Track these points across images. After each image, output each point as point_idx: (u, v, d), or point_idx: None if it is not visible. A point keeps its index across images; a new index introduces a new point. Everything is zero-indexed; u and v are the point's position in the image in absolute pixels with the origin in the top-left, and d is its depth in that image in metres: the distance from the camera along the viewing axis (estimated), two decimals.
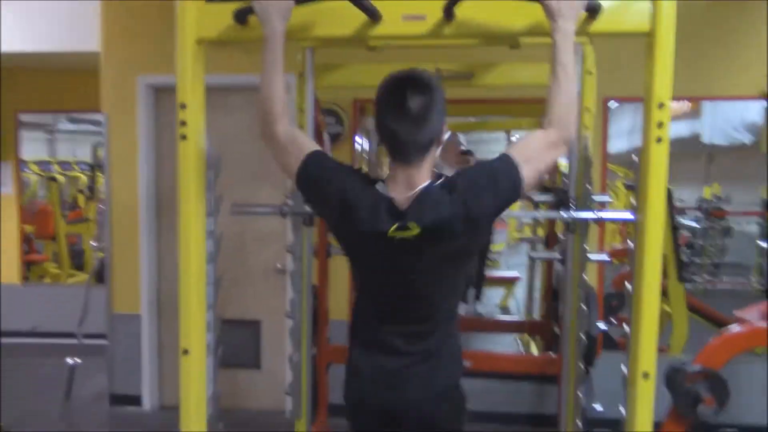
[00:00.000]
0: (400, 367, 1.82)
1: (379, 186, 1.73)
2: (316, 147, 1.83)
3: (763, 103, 3.76)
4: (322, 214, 1.84)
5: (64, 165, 8.26)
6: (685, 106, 6.39)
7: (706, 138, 6.73)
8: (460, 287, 1.89)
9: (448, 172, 1.83)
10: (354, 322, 1.93)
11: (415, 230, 1.66)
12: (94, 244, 4.66)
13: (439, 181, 1.73)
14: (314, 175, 1.78)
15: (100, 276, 4.46)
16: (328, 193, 1.76)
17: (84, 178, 7.72)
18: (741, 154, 7.00)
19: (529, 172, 1.73)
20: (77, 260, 6.99)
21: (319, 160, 1.80)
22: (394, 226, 1.67)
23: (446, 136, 1.79)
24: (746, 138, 6.22)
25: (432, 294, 1.80)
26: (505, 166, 1.73)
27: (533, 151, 1.75)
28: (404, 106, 1.67)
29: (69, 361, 4.47)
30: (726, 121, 6.55)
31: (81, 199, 7.51)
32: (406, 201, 1.70)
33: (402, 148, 1.71)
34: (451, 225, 1.68)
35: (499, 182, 1.72)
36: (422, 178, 1.73)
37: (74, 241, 7.10)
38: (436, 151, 1.78)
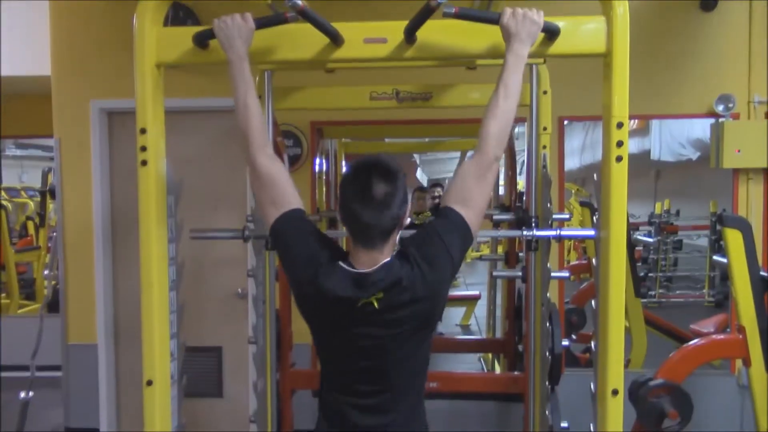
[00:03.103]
0: None
1: (344, 263, 1.74)
2: (297, 203, 1.83)
3: (710, 120, 3.86)
4: (286, 267, 1.84)
5: (11, 191, 8.03)
6: (633, 124, 6.55)
7: (655, 155, 6.89)
8: (423, 362, 1.87)
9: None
10: (320, 390, 1.92)
11: (379, 295, 1.67)
12: (47, 272, 4.52)
13: (394, 255, 1.76)
14: (291, 233, 1.79)
15: (54, 305, 4.32)
16: (299, 254, 1.77)
17: (32, 205, 7.50)
18: (688, 170, 7.18)
19: (472, 216, 1.77)
20: (27, 290, 6.78)
21: (298, 221, 1.81)
22: (361, 297, 1.67)
23: (407, 220, 1.82)
24: (693, 154, 6.37)
25: (393, 367, 1.78)
26: (449, 222, 1.77)
27: (469, 191, 1.78)
28: (369, 192, 1.69)
29: (22, 394, 4.30)
30: (673, 138, 6.71)
31: (30, 226, 7.30)
32: (371, 273, 1.71)
33: (365, 232, 1.72)
34: (412, 289, 1.69)
35: (446, 241, 1.75)
36: (384, 258, 1.74)
37: (24, 270, 6.89)
38: (397, 235, 1.79)
